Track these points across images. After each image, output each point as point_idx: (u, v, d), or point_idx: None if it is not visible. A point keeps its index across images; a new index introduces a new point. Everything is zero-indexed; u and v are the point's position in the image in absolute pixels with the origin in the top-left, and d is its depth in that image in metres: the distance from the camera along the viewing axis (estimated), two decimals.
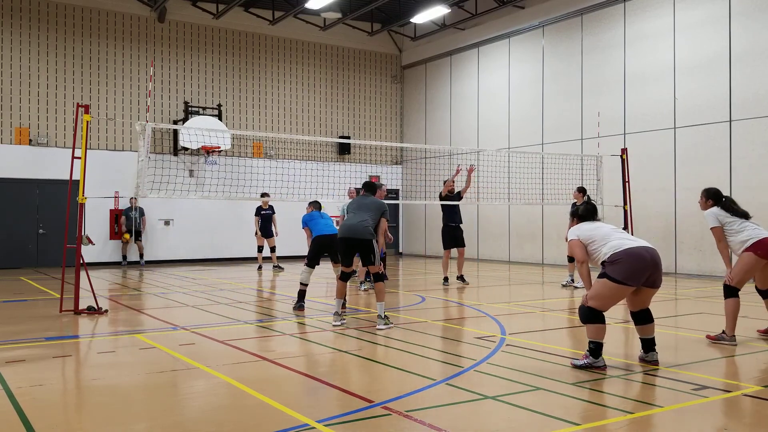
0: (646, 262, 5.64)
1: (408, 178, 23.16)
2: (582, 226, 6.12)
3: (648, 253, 5.70)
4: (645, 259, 5.65)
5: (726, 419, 4.56)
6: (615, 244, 5.78)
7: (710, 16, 14.50)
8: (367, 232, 8.03)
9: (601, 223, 6.15)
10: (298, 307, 9.41)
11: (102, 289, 11.99)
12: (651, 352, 5.94)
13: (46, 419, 4.44)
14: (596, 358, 5.69)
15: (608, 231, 5.97)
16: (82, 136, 9.07)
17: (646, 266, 5.64)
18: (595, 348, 5.70)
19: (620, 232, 6.00)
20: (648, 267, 5.65)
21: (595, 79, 16.93)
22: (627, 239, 5.87)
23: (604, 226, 6.09)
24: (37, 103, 17.86)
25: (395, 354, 6.47)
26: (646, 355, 5.96)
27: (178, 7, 19.63)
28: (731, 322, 6.88)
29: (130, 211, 17.99)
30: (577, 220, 6.26)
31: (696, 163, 14.65)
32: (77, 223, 9.23)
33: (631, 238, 5.92)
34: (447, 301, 10.74)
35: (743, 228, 7.05)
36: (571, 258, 12.65)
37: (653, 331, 5.95)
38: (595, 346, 5.70)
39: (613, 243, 5.80)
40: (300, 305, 9.44)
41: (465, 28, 20.91)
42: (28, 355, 6.50)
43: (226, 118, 20.20)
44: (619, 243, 5.78)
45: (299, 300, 9.51)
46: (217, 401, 4.95)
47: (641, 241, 5.92)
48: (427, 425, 4.23)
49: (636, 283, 5.66)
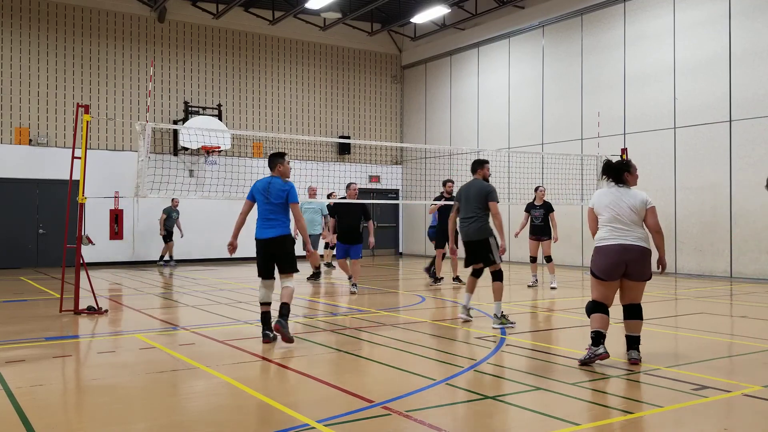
0: (613, 260, 5.71)
1: (408, 178, 23.15)
2: (598, 194, 5.99)
3: (615, 252, 5.71)
4: (612, 258, 5.72)
5: (726, 419, 4.56)
6: (599, 235, 5.90)
7: (710, 16, 14.50)
8: (480, 232, 8.04)
9: (610, 195, 5.88)
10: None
11: (102, 289, 11.99)
12: (631, 350, 5.89)
13: (46, 419, 4.44)
14: (596, 347, 5.73)
15: (605, 211, 5.86)
16: (82, 136, 9.07)
17: (617, 263, 5.70)
18: (595, 336, 5.75)
19: (611, 214, 5.81)
20: (619, 263, 5.70)
21: (595, 79, 16.93)
22: (609, 230, 5.80)
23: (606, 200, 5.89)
24: (37, 103, 17.86)
25: (395, 354, 6.47)
26: (627, 352, 5.94)
27: (178, 7, 19.63)
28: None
29: (172, 211, 17.85)
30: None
31: (696, 163, 14.65)
32: (77, 223, 9.23)
33: (616, 228, 5.78)
34: (447, 301, 10.74)
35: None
36: (533, 258, 12.68)
37: (638, 329, 5.92)
38: (595, 335, 5.75)
39: (599, 232, 5.91)
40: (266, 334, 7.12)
41: (465, 28, 20.91)
42: (28, 355, 6.50)
43: (226, 118, 20.20)
44: (599, 235, 5.90)
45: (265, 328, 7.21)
46: (217, 401, 4.95)
47: (621, 233, 5.75)
48: (427, 425, 4.23)
49: (609, 278, 5.75)
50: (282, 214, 7.07)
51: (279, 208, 7.06)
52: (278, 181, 7.17)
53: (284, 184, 7.11)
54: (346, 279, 12.46)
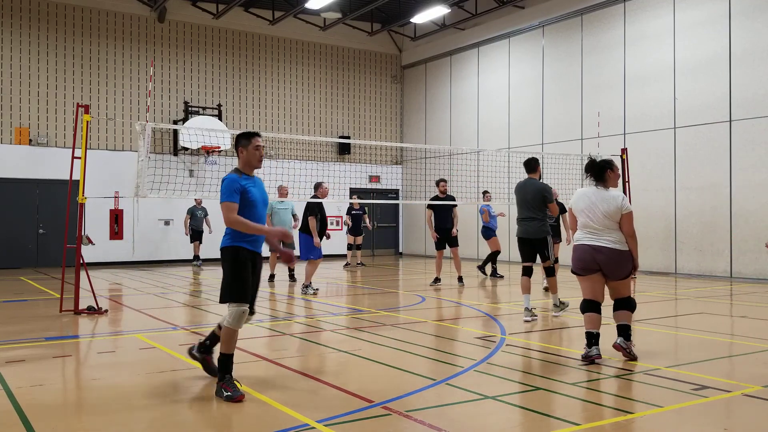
0: (584, 257, 6.01)
1: (408, 178, 23.15)
2: (576, 195, 6.23)
3: (585, 251, 6.00)
4: (583, 256, 6.02)
5: (726, 419, 4.56)
6: (575, 236, 6.19)
7: (710, 16, 14.50)
8: (540, 232, 8.52)
9: (586, 200, 6.06)
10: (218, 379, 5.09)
11: (102, 289, 11.99)
12: (619, 337, 6.03)
13: (46, 419, 4.44)
14: (589, 348, 5.91)
15: (580, 215, 6.10)
16: (82, 136, 9.07)
17: (588, 260, 5.98)
18: (587, 337, 5.97)
19: (584, 219, 6.03)
20: (590, 261, 5.97)
21: (595, 79, 16.93)
22: (582, 233, 6.07)
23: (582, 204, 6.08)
24: (37, 103, 17.86)
25: (395, 354, 6.47)
26: (615, 339, 6.07)
27: (178, 7, 19.63)
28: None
29: (196, 210, 17.62)
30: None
31: (696, 163, 14.65)
32: (77, 223, 9.23)
33: (588, 232, 5.99)
34: (447, 301, 10.74)
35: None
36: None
37: (626, 318, 6.05)
38: (587, 336, 5.98)
39: (576, 233, 6.19)
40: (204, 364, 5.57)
41: (465, 28, 20.91)
42: (28, 355, 6.50)
43: (226, 118, 20.20)
44: (575, 236, 6.18)
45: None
46: (217, 401, 4.95)
47: (593, 237, 5.97)
48: (427, 425, 4.23)
49: (585, 272, 6.03)
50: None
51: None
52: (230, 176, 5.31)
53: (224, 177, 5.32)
54: (344, 279, 12.45)
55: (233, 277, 5.00)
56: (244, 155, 5.52)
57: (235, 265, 5.02)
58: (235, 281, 4.99)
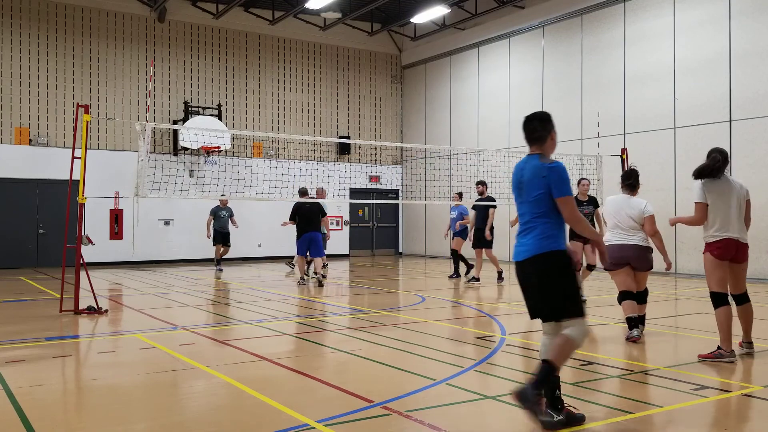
0: (615, 254, 6.94)
1: (408, 178, 23.15)
2: (608, 202, 7.37)
3: (614, 249, 6.95)
4: (614, 253, 6.93)
5: (726, 419, 4.56)
6: (606, 237, 7.14)
7: (710, 16, 14.50)
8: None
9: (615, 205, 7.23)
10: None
11: (102, 289, 11.99)
12: (634, 328, 6.93)
13: (46, 419, 4.44)
14: (630, 330, 6.92)
15: (610, 219, 7.22)
16: (82, 136, 9.07)
17: (618, 256, 6.97)
18: (627, 322, 7.00)
19: (613, 221, 7.18)
20: (621, 257, 6.98)
21: (595, 79, 16.93)
22: (612, 233, 7.14)
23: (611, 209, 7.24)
24: (37, 103, 17.86)
25: (395, 354, 6.47)
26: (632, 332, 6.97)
27: (178, 7, 19.62)
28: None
29: (219, 210, 16.77)
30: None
31: (696, 163, 14.51)
32: (77, 223, 9.23)
33: (616, 233, 7.11)
34: (447, 301, 10.74)
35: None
36: (590, 266, 12.21)
37: (640, 311, 7.15)
38: (627, 321, 7.00)
39: (606, 234, 7.23)
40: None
41: (465, 28, 20.91)
42: (28, 355, 6.50)
43: (226, 118, 20.20)
44: (606, 237, 7.14)
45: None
46: (216, 401, 4.95)
47: (620, 237, 7.09)
48: (427, 425, 4.23)
49: (617, 267, 7.02)
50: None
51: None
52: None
53: None
54: (345, 278, 12.46)
55: (573, 288, 4.28)
56: (555, 139, 4.46)
57: (570, 271, 4.29)
58: (576, 291, 4.32)
